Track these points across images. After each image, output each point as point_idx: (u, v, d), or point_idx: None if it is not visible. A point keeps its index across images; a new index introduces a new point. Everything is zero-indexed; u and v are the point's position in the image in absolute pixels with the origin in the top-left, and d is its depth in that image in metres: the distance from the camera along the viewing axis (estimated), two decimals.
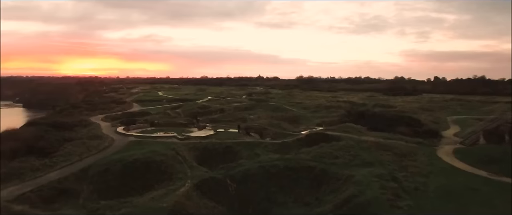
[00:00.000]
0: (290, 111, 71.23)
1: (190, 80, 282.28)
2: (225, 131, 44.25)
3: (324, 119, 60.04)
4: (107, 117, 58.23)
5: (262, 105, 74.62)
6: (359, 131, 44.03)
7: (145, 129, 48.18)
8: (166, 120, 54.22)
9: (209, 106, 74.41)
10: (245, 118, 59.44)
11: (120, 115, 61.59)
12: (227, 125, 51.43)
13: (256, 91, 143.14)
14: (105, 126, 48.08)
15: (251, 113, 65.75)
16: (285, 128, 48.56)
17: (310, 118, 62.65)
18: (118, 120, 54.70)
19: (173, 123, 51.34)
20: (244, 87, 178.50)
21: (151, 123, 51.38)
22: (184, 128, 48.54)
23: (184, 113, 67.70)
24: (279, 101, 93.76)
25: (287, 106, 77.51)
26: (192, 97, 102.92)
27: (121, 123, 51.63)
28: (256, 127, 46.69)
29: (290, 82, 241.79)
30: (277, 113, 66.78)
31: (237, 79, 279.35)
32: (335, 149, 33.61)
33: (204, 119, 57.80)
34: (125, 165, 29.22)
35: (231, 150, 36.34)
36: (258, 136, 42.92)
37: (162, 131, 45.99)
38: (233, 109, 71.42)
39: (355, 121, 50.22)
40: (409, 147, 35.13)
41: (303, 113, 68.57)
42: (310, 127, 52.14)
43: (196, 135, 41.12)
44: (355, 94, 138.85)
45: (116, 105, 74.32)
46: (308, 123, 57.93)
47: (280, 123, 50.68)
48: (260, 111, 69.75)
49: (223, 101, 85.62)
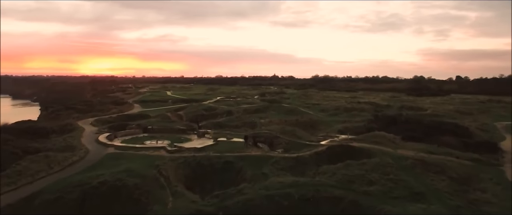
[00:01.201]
0: (306, 113, 62.98)
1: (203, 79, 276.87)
2: (227, 140, 36.48)
3: (346, 124, 51.62)
4: (98, 120, 51.45)
5: (275, 107, 66.62)
6: (392, 142, 35.63)
7: (135, 136, 41.02)
8: (162, 124, 46.95)
9: (216, 108, 66.94)
10: (254, 123, 51.64)
11: (114, 118, 54.80)
12: (233, 131, 43.79)
13: (270, 91, 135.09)
14: (89, 132, 41.12)
15: (262, 116, 57.87)
16: (300, 135, 40.42)
17: (330, 122, 54.28)
18: (108, 124, 47.87)
19: (169, 129, 44.01)
20: (258, 87, 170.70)
21: (144, 128, 44.20)
22: (181, 136, 41.16)
23: (186, 115, 60.46)
24: (293, 102, 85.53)
25: (303, 109, 69.27)
26: (200, 98, 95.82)
27: (110, 128, 44.69)
28: (266, 135, 38.73)
29: (305, 81, 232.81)
30: (291, 116, 58.66)
31: (251, 79, 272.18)
32: (368, 169, 25.43)
33: (208, 124, 50.33)
34: (85, 191, 21.86)
35: (231, 167, 28.61)
36: (268, 146, 35.02)
37: (154, 139, 38.77)
38: (242, 111, 63.72)
39: (385, 128, 41.75)
40: (467, 167, 26.61)
41: (321, 117, 60.19)
42: (330, 134, 43.92)
43: (191, 146, 33.51)
44: (375, 95, 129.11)
45: (114, 107, 67.76)
46: (327, 129, 49.66)
47: (295, 130, 42.58)
48: (272, 113, 61.80)
49: (232, 103, 78.00)
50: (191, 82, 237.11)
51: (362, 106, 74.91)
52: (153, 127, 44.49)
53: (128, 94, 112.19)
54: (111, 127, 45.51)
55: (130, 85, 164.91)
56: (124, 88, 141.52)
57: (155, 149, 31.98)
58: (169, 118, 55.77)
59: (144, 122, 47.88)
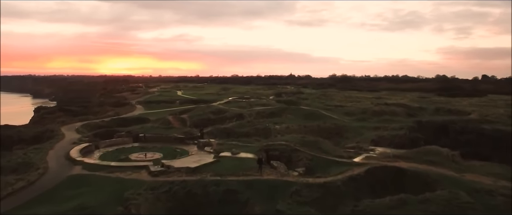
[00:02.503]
0: (329, 118, 54.26)
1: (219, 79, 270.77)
2: (232, 156, 28.28)
3: (379, 131, 42.74)
4: (87, 125, 44.34)
5: (292, 110, 58.11)
6: (452, 160, 26.77)
7: (121, 146, 33.49)
8: (158, 131, 39.26)
9: (225, 111, 59.05)
10: (268, 129, 43.43)
11: (106, 122, 47.64)
12: (242, 141, 35.66)
13: (286, 91, 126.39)
14: (67, 142, 33.76)
15: (278, 121, 49.54)
16: (325, 148, 31.73)
17: (359, 129, 45.46)
18: (96, 130, 40.69)
19: (164, 138, 36.30)
20: (273, 87, 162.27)
21: (135, 136, 36.68)
22: (177, 146, 33.37)
23: (190, 119, 52.80)
24: (313, 104, 76.81)
25: (324, 111, 60.58)
26: (211, 98, 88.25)
27: (95, 136, 37.43)
28: (282, 148, 30.38)
29: (323, 81, 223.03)
30: (312, 121, 50.06)
31: (266, 78, 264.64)
32: (436, 212, 16.86)
33: (213, 130, 42.42)
34: None
35: (234, 198, 20.51)
36: (284, 165, 26.72)
37: (144, 151, 31.13)
38: (255, 115, 55.56)
39: (434, 140, 32.81)
40: None
41: (348, 122, 51.35)
42: (362, 145, 35.21)
43: (184, 163, 25.42)
44: (402, 95, 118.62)
45: (112, 109, 60.85)
46: (357, 138, 40.91)
47: (318, 140, 33.89)
48: (289, 118, 53.40)
49: (244, 104, 69.93)
50: (206, 81, 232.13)
51: (392, 109, 65.54)
52: (145, 135, 36.88)
53: (136, 94, 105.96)
54: (97, 134, 38.23)
55: (141, 85, 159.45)
56: (134, 88, 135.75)
57: (135, 169, 24.17)
58: (170, 123, 48.15)
59: (138, 129, 40.32)
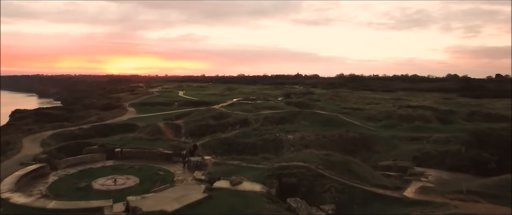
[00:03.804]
0: (350, 124, 45.78)
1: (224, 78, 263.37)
2: (231, 189, 19.87)
3: (417, 143, 34.23)
4: (57, 135, 36.58)
5: (306, 115, 49.75)
6: None
7: (89, 166, 25.54)
8: (142, 144, 31.08)
9: (228, 115, 50.98)
10: (279, 141, 35.18)
11: (84, 130, 39.86)
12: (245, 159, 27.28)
13: (295, 91, 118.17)
14: (17, 160, 25.84)
15: (290, 129, 41.26)
16: (358, 172, 23.18)
17: (391, 140, 36.89)
18: (64, 143, 32.83)
19: (147, 153, 28.26)
20: (281, 86, 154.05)
21: (109, 151, 28.70)
22: (161, 166, 25.34)
23: (186, 126, 44.82)
24: (327, 106, 68.46)
25: (343, 116, 52.15)
26: (213, 100, 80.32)
27: (60, 151, 29.56)
28: (301, 172, 22.00)
29: (333, 80, 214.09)
30: (331, 128, 41.66)
31: (273, 77, 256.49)
32: None
33: (211, 142, 34.31)
34: None
35: None
36: (305, 203, 18.40)
37: (114, 175, 23.15)
38: (262, 120, 47.39)
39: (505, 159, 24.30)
40: None
41: (375, 130, 42.82)
42: (403, 165, 26.77)
43: (158, 204, 17.20)
44: (421, 96, 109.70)
45: (97, 113, 53.04)
46: (391, 153, 32.46)
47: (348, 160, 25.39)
48: (303, 124, 45.11)
49: (250, 107, 61.75)
50: (211, 81, 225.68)
51: (420, 113, 56.96)
52: (123, 149, 28.84)
53: (134, 95, 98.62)
54: (63, 148, 30.29)
55: (141, 85, 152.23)
56: (134, 88, 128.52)
57: (86, 213, 16.11)
58: (160, 131, 40.18)
59: (116, 141, 32.24)
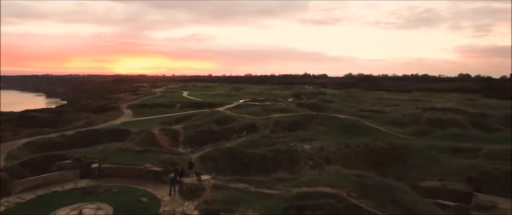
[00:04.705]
0: (374, 130, 39.48)
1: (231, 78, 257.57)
2: None
3: (465, 157, 27.92)
4: (32, 143, 31.05)
5: (322, 120, 43.57)
6: None
7: (55, 189, 19.91)
8: (128, 157, 25.36)
9: (234, 119, 45.08)
10: (294, 152, 29.12)
11: (67, 138, 34.33)
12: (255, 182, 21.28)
13: (305, 92, 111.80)
14: None
15: (305, 136, 35.21)
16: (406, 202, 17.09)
17: (428, 152, 30.50)
18: (35, 154, 27.29)
19: (130, 171, 22.51)
20: (290, 86, 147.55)
21: (85, 167, 23.03)
22: (145, 190, 19.57)
23: (186, 131, 39.09)
24: (342, 107, 62.22)
25: (364, 120, 45.87)
26: (218, 101, 74.46)
27: (24, 167, 24.02)
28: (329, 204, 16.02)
29: (343, 80, 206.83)
30: (354, 136, 35.37)
31: (281, 77, 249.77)
32: None
33: (214, 152, 28.47)
34: None
35: None
36: None
37: (81, 203, 17.48)
38: (273, 126, 41.41)
39: None
40: None
41: (405, 138, 36.36)
42: (458, 189, 20.57)
43: None
44: (440, 96, 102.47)
45: (88, 116, 47.62)
46: (433, 169, 26.24)
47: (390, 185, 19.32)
48: (320, 130, 39.00)
49: (259, 109, 55.74)
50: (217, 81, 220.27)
51: (450, 116, 50.42)
52: (102, 165, 23.15)
53: (136, 95, 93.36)
54: (30, 162, 24.67)
55: (145, 85, 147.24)
56: (137, 88, 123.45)
57: None
58: (154, 139, 34.48)
59: (97, 152, 26.51)
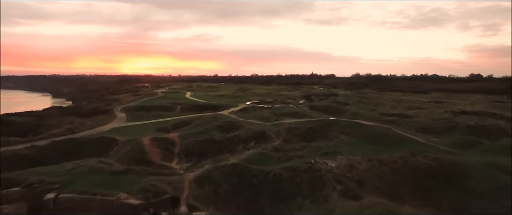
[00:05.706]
0: (410, 141, 32.89)
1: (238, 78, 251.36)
2: None
3: None
4: None
5: (344, 127, 37.04)
6: None
7: None
8: (97, 182, 19.28)
9: (239, 126, 38.85)
10: (318, 171, 22.78)
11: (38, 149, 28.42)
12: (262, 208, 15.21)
13: (316, 92, 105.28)
14: None
15: (326, 149, 28.83)
16: None
17: (489, 172, 23.87)
18: None
19: (98, 203, 16.46)
20: (298, 87, 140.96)
21: (39, 195, 17.02)
22: None
23: (184, 140, 33.00)
24: (361, 111, 55.67)
25: (391, 126, 39.31)
26: (223, 103, 68.40)
27: None
28: None
29: (353, 80, 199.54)
30: (387, 148, 28.89)
31: (288, 77, 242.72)
32: None
33: (213, 169, 22.30)
34: None
35: None
36: None
37: None
38: (285, 134, 35.09)
39: None
40: None
41: (451, 151, 29.72)
42: None
43: None
44: (463, 98, 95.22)
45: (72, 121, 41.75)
46: (500, 194, 19.77)
47: None
48: (343, 140, 32.54)
49: (267, 113, 49.44)
50: (222, 81, 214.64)
51: (492, 122, 43.61)
52: (59, 195, 17.12)
53: (135, 96, 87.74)
54: None
55: (147, 85, 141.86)
56: (138, 88, 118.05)
57: None
58: (143, 151, 28.43)
59: (61, 173, 20.45)
